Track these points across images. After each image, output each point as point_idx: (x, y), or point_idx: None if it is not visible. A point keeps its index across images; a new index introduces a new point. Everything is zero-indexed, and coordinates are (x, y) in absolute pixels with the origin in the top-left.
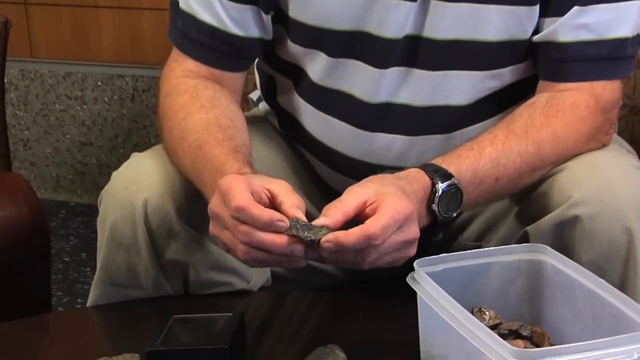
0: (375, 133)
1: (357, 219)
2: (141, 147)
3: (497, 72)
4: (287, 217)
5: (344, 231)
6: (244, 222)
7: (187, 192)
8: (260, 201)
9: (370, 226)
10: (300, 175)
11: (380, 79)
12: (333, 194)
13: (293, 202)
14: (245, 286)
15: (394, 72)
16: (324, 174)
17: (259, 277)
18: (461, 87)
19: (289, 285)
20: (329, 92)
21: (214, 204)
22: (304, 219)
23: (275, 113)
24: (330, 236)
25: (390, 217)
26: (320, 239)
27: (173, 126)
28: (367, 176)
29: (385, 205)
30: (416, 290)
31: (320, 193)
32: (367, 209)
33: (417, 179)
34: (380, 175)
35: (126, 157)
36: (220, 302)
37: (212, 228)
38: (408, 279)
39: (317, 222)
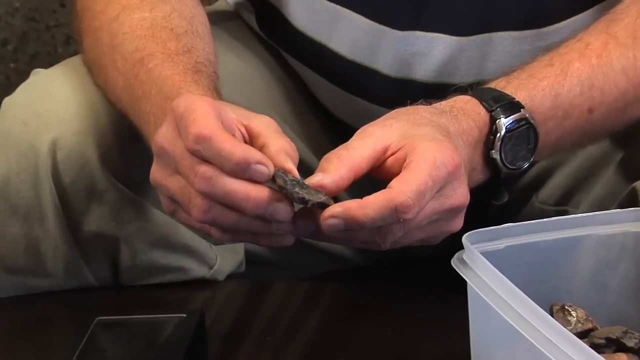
0: (406, 32)
1: (374, 175)
2: (44, 60)
3: None
4: (275, 165)
5: (358, 201)
6: (205, 162)
7: (119, 130)
8: None
9: (399, 192)
10: (291, 100)
11: None
12: (341, 130)
13: (281, 147)
14: (206, 273)
15: None
16: (326, 98)
17: (227, 259)
18: None
19: (273, 273)
20: None
21: (163, 135)
22: (296, 173)
23: (252, 5)
24: (337, 208)
25: (427, 175)
26: (318, 202)
27: (100, 28)
28: (392, 99)
29: (418, 157)
30: (466, 279)
31: (322, 128)
32: (389, 161)
33: (468, 112)
34: (409, 109)
35: (21, 74)
36: (168, 298)
37: (156, 172)
38: (454, 262)
39: (313, 180)
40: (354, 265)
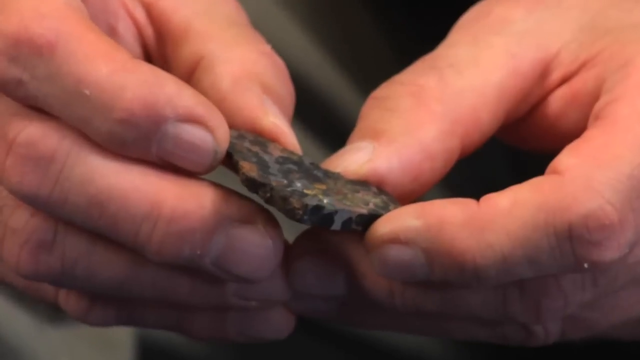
0: None
1: (510, 138)
2: None
3: None
4: (232, 121)
5: (466, 204)
6: (38, 110)
7: None
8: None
9: (581, 188)
10: None
11: None
12: (414, 10)
13: (246, 66)
14: None
15: None
16: None
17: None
18: None
19: None
20: None
21: None
22: (291, 143)
23: None
24: (412, 220)
25: None
26: (360, 213)
27: None
28: None
29: (631, 92)
30: None
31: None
32: (555, 98)
33: None
34: None
35: None
36: None
37: None
38: None
39: (347, 162)
40: None
